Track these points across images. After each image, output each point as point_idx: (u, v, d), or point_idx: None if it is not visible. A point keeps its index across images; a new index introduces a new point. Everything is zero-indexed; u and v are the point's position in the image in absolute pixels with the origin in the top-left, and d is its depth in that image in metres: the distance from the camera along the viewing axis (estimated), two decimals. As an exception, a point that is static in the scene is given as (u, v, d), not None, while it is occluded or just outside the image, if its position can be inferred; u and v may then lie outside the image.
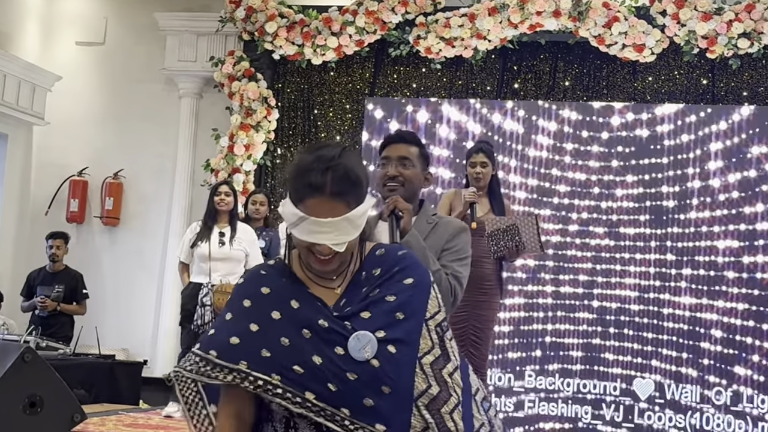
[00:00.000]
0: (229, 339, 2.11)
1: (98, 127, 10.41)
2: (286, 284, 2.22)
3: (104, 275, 10.16)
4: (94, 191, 10.35)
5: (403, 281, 2.20)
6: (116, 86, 10.45)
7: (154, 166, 10.25)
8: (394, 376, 2.07)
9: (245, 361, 2.07)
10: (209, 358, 2.10)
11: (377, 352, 2.07)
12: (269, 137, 9.57)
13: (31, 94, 10.13)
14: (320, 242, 2.12)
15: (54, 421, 3.81)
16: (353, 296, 2.20)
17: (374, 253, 2.28)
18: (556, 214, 8.85)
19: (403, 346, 2.11)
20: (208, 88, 10.09)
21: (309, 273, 2.24)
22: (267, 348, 2.09)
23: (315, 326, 2.12)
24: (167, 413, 6.73)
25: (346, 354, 2.08)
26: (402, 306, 2.16)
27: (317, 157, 2.13)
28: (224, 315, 2.20)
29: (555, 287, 8.83)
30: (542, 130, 8.91)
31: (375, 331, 2.10)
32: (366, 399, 2.05)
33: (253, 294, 2.20)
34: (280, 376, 2.05)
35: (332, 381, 2.05)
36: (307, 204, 2.12)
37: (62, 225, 9.79)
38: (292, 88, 9.83)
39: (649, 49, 8.65)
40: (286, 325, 2.12)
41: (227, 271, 6.89)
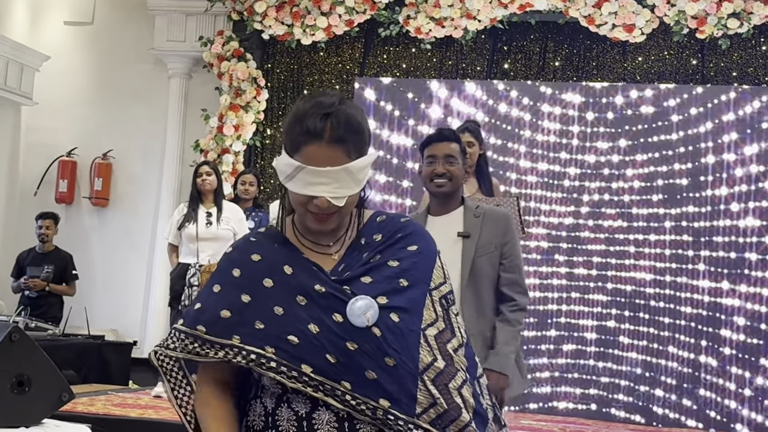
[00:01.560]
0: (220, 312, 1.95)
1: (87, 108, 10.37)
2: (278, 250, 2.05)
3: (93, 256, 10.14)
4: (83, 172, 10.33)
5: (406, 248, 2.05)
6: (105, 66, 10.40)
7: (143, 146, 10.22)
8: (398, 346, 1.90)
9: (238, 336, 1.93)
10: (197, 334, 1.95)
11: (379, 319, 1.90)
12: (258, 117, 9.56)
13: (19, 74, 10.08)
14: (318, 194, 1.93)
15: (42, 400, 3.80)
16: (352, 261, 2.03)
17: (374, 220, 2.12)
18: (567, 196, 8.80)
19: (407, 314, 1.95)
20: (198, 68, 10.05)
21: (304, 239, 2.07)
22: (260, 319, 1.93)
23: (311, 292, 1.95)
24: (156, 393, 6.73)
25: (345, 321, 1.90)
26: (405, 272, 2.00)
27: (316, 104, 1.96)
28: (210, 287, 2.03)
29: (569, 269, 8.75)
30: (548, 115, 8.88)
31: (376, 296, 1.93)
32: (368, 371, 1.88)
33: (243, 262, 2.04)
34: (274, 348, 1.89)
35: (331, 351, 1.88)
36: (304, 152, 1.93)
37: (51, 205, 9.77)
38: (281, 68, 9.81)
39: (639, 29, 8.65)
40: (279, 292, 1.96)
41: (215, 251, 6.88)
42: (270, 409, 1.97)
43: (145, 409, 5.81)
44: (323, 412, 1.91)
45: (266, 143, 9.71)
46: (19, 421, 3.72)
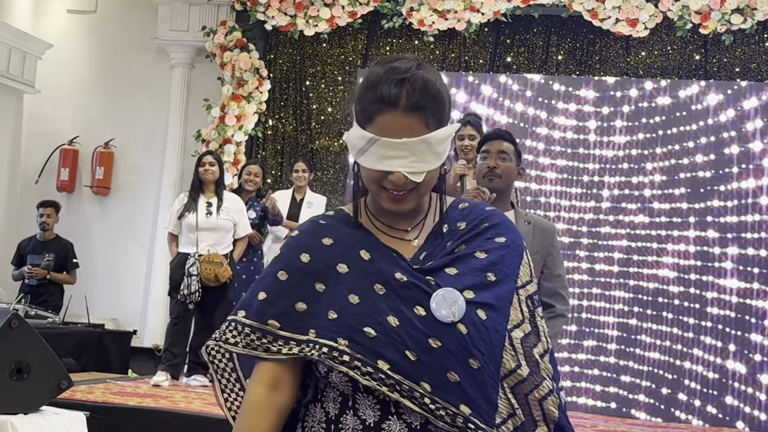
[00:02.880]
0: (294, 305, 1.77)
1: (89, 96, 10.36)
2: (352, 234, 1.85)
3: (94, 245, 10.15)
4: (84, 160, 10.33)
5: (494, 239, 1.85)
6: (107, 55, 10.40)
7: (145, 135, 10.22)
8: (484, 347, 1.70)
9: (313, 329, 1.74)
10: (267, 329, 1.77)
11: (465, 316, 1.71)
12: (261, 108, 9.55)
13: (22, 62, 10.08)
14: (393, 169, 1.73)
15: (40, 387, 3.81)
16: (435, 249, 1.84)
17: (456, 207, 1.92)
18: (587, 191, 8.72)
19: (494, 312, 1.75)
20: (200, 58, 10.05)
21: (379, 222, 1.88)
22: (333, 308, 1.75)
23: (391, 280, 1.75)
24: (155, 382, 6.74)
25: (428, 315, 1.71)
26: (493, 266, 1.80)
27: (390, 69, 1.76)
28: (274, 273, 1.83)
29: (590, 264, 8.63)
30: (564, 111, 8.85)
31: (462, 290, 1.73)
32: (450, 373, 1.68)
33: (312, 247, 1.83)
34: (348, 340, 1.70)
35: (411, 348, 1.69)
36: (378, 122, 1.74)
37: (52, 194, 9.78)
38: (284, 59, 9.80)
39: (643, 24, 8.63)
40: (355, 279, 1.77)
41: (214, 241, 6.89)
42: (333, 415, 1.77)
43: (144, 398, 5.82)
44: (394, 423, 1.71)
45: (268, 134, 9.71)
46: (18, 407, 3.73)
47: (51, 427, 3.79)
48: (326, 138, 9.54)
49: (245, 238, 7.22)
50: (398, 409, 1.70)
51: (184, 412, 5.38)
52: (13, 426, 3.62)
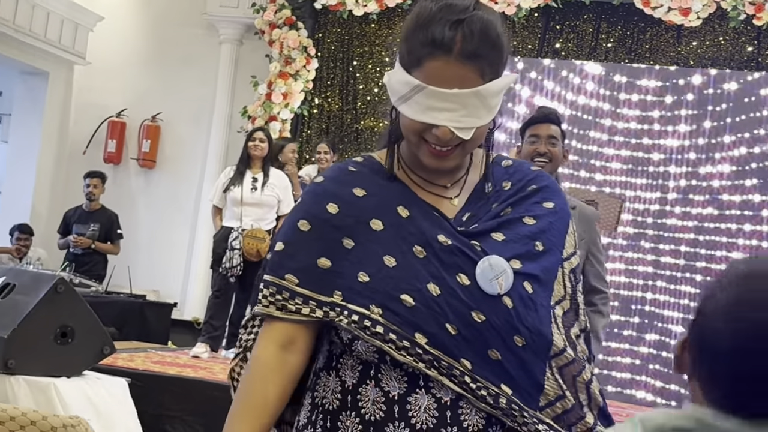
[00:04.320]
0: (316, 260, 1.57)
1: (138, 70, 10.46)
2: (386, 186, 1.64)
3: (138, 216, 10.26)
4: (131, 133, 10.44)
5: (542, 203, 1.67)
6: (158, 29, 10.48)
7: (191, 110, 10.30)
8: (530, 323, 1.55)
9: (339, 291, 1.55)
10: (283, 284, 1.58)
11: (511, 288, 1.55)
12: (307, 87, 9.58)
13: (74, 34, 10.18)
14: (440, 123, 1.52)
15: (84, 352, 3.88)
16: (479, 211, 1.65)
17: (499, 164, 1.72)
18: (652, 182, 8.58)
19: (539, 286, 1.59)
20: (249, 34, 10.09)
21: (414, 175, 1.67)
22: (365, 270, 1.55)
23: (433, 242, 1.56)
24: (195, 353, 6.82)
25: (472, 285, 1.54)
26: (542, 234, 1.63)
27: (446, 6, 1.54)
28: (295, 223, 1.62)
29: (655, 256, 8.47)
30: (625, 102, 8.76)
31: (509, 259, 1.57)
32: (492, 350, 1.52)
33: (341, 196, 1.62)
34: (382, 308, 1.52)
35: (451, 320, 1.52)
36: (427, 68, 1.52)
37: (99, 165, 9.89)
38: (332, 38, 9.81)
39: (695, 14, 8.53)
40: (391, 238, 1.57)
41: (258, 217, 6.94)
42: (350, 385, 1.59)
43: (184, 368, 5.89)
44: (421, 396, 1.54)
45: (313, 113, 9.74)
46: (62, 371, 3.80)
47: (93, 391, 3.86)
48: (371, 119, 9.55)
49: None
50: (427, 383, 1.54)
51: (222, 384, 5.45)
52: (56, 388, 3.68)
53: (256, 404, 1.56)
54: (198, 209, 10.05)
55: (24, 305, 3.73)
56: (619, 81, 8.84)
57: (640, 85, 8.77)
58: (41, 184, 10.24)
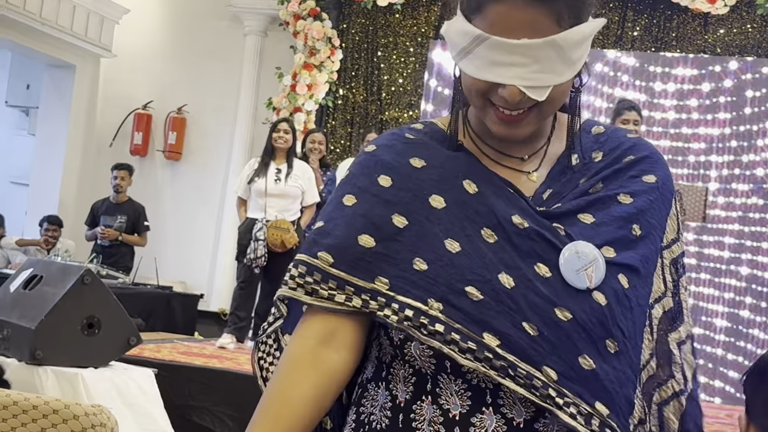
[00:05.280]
0: (357, 237, 1.30)
1: (164, 62, 10.50)
2: (451, 157, 1.36)
3: (165, 208, 10.32)
4: (157, 125, 10.49)
5: (641, 177, 1.35)
6: (183, 21, 10.52)
7: (217, 102, 10.33)
8: (626, 325, 1.25)
9: (385, 278, 1.28)
10: (316, 264, 1.31)
11: (604, 281, 1.25)
12: (332, 77, 9.58)
13: (100, 26, 10.24)
14: (506, 81, 1.24)
15: (111, 343, 3.91)
16: (563, 187, 1.36)
17: (588, 131, 1.43)
18: (694, 172, 8.47)
19: (637, 280, 1.29)
20: (273, 26, 10.10)
21: (485, 146, 1.39)
22: (422, 256, 1.27)
23: (506, 225, 1.28)
24: (221, 344, 6.85)
25: (554, 276, 1.25)
26: (641, 215, 1.32)
27: None
28: (339, 198, 1.36)
29: (698, 248, 8.31)
30: (661, 93, 8.71)
31: (601, 246, 1.28)
32: (583, 356, 1.22)
33: (396, 167, 1.35)
34: (443, 303, 1.24)
35: (529, 319, 1.23)
36: (490, 13, 1.23)
37: (126, 157, 9.95)
38: (356, 28, 9.80)
39: (722, 1, 8.45)
40: (454, 218, 1.29)
41: (282, 208, 6.95)
42: (402, 401, 1.30)
43: (210, 359, 5.92)
44: (488, 417, 1.25)
45: (338, 103, 9.74)
46: (88, 361, 3.83)
47: (120, 381, 3.89)
48: (396, 109, 9.54)
49: (313, 206, 7.27)
50: (496, 399, 1.25)
51: (249, 374, 5.47)
52: (83, 379, 3.72)
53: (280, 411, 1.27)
54: (223, 201, 10.10)
55: (51, 297, 3.77)
56: (653, 71, 8.77)
57: (675, 74, 8.70)
58: (68, 177, 10.32)
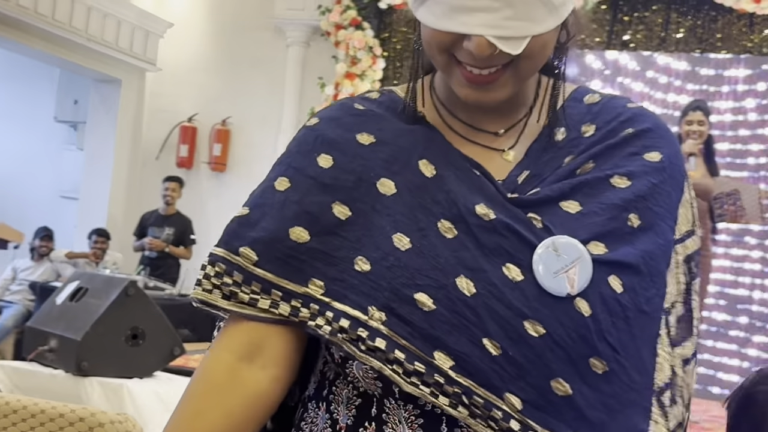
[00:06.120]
0: (288, 230, 1.07)
1: (207, 74, 10.60)
2: (408, 131, 1.12)
3: (210, 220, 10.39)
4: (202, 137, 10.59)
5: (642, 155, 1.09)
6: (226, 34, 10.61)
7: (260, 113, 10.41)
8: (617, 339, 1.00)
9: (320, 280, 1.04)
10: (237, 262, 1.08)
11: (590, 285, 1.00)
12: (374, 86, 9.60)
13: (144, 41, 10.37)
14: (472, 31, 1.00)
15: (155, 353, 3.95)
16: (544, 167, 1.11)
17: (580, 99, 1.17)
18: (753, 175, 8.38)
19: (638, 280, 1.03)
20: (316, 36, 10.15)
21: (453, 118, 1.15)
22: (364, 254, 1.04)
23: (468, 215, 1.04)
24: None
25: (527, 280, 1.00)
26: (640, 201, 1.06)
27: None
28: (270, 181, 1.15)
29: (762, 252, 8.21)
30: (715, 94, 8.63)
31: (587, 241, 1.02)
32: (556, 380, 0.98)
33: (339, 144, 1.12)
34: (385, 312, 1.01)
35: (493, 334, 0.98)
36: None
37: (172, 169, 10.06)
38: (398, 37, 9.81)
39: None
40: (406, 207, 1.06)
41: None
42: (343, 426, 1.09)
43: (255, 369, 5.94)
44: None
45: (381, 112, 9.75)
46: (133, 372, 3.88)
47: (165, 391, 3.93)
48: (439, 117, 9.53)
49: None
50: (453, 429, 1.02)
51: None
52: (128, 389, 3.76)
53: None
54: (269, 211, 10.13)
55: (96, 308, 3.82)
56: (705, 74, 8.67)
57: (728, 75, 8.59)
58: (116, 190, 10.45)
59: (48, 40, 9.08)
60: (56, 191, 11.45)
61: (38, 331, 3.91)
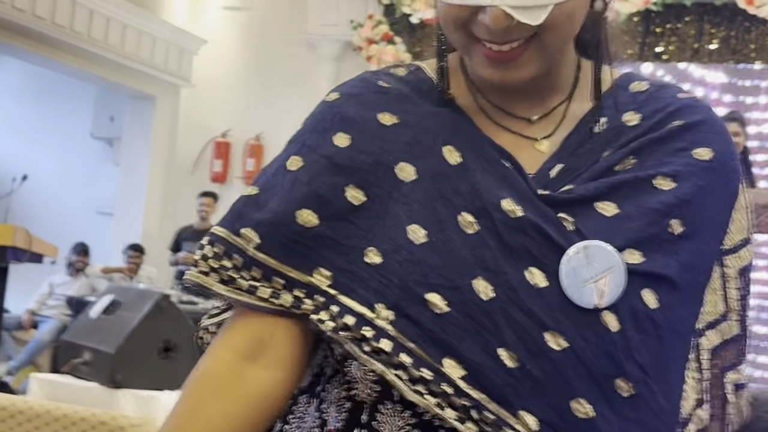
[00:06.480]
0: (294, 212, 0.98)
1: (241, 90, 10.68)
2: (433, 114, 1.03)
3: (245, 234, 10.46)
4: (236, 152, 10.66)
5: (691, 151, 0.98)
6: (259, 50, 10.69)
7: (293, 128, 10.09)
8: (648, 360, 0.91)
9: (328, 269, 0.96)
10: (238, 244, 0.99)
11: (622, 298, 0.91)
12: (406, 101, 9.61)
13: (179, 58, 10.47)
14: (487, 2, 0.92)
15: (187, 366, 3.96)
16: (579, 160, 1.01)
17: (625, 86, 1.07)
18: None
19: (674, 296, 0.93)
20: (348, 51, 10.20)
21: (484, 101, 1.05)
22: (376, 245, 0.95)
23: (493, 210, 0.95)
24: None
25: (552, 287, 0.92)
26: (684, 207, 0.96)
27: None
28: (283, 160, 1.07)
29: None
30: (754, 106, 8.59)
31: (623, 248, 0.93)
32: (577, 400, 0.89)
33: (358, 124, 1.03)
34: (395, 311, 0.92)
35: (510, 345, 0.90)
36: None
37: (206, 185, 10.13)
38: (430, 51, 9.68)
39: (802, 11, 8.27)
40: (425, 196, 0.97)
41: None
42: (333, 429, 1.01)
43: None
44: None
45: (413, 126, 9.77)
46: (165, 384, 3.91)
47: (196, 404, 3.95)
48: (471, 130, 9.53)
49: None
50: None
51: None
52: (161, 401, 3.79)
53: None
54: (302, 225, 10.18)
55: (129, 321, 3.86)
56: (741, 85, 8.62)
57: (765, 86, 8.54)
58: (151, 205, 10.54)
59: (84, 57, 9.20)
60: (92, 207, 11.57)
61: (73, 345, 3.97)
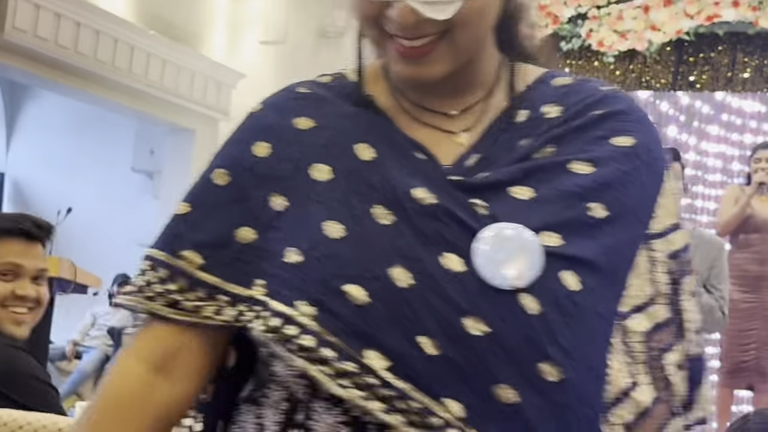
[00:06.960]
0: (234, 232, 0.99)
1: (278, 123, 10.82)
2: (351, 115, 1.05)
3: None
4: (273, 184, 10.79)
5: (610, 139, 0.98)
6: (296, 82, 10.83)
7: (330, 160, 10.57)
8: (570, 342, 0.89)
9: (263, 279, 0.96)
10: (180, 266, 0.99)
11: (540, 280, 0.90)
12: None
13: (217, 92, 10.65)
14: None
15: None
16: (496, 150, 1.01)
17: (547, 82, 1.06)
18: None
19: (596, 278, 0.92)
20: (383, 84, 10.32)
21: (405, 100, 1.06)
22: (295, 244, 0.95)
23: (405, 200, 0.95)
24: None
25: (469, 272, 0.91)
26: (604, 190, 0.95)
27: None
28: (208, 174, 1.05)
29: None
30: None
31: (539, 230, 0.92)
32: (500, 386, 0.88)
33: (277, 132, 1.04)
34: (317, 306, 0.91)
35: (431, 332, 0.89)
36: None
37: (244, 216, 10.25)
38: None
39: (835, 38, 8.28)
40: (340, 193, 0.97)
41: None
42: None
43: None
44: None
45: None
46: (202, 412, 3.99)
47: None
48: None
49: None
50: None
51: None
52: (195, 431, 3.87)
53: None
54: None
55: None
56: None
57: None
58: (191, 237, 10.67)
59: (125, 92, 9.40)
60: (133, 239, 11.69)
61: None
